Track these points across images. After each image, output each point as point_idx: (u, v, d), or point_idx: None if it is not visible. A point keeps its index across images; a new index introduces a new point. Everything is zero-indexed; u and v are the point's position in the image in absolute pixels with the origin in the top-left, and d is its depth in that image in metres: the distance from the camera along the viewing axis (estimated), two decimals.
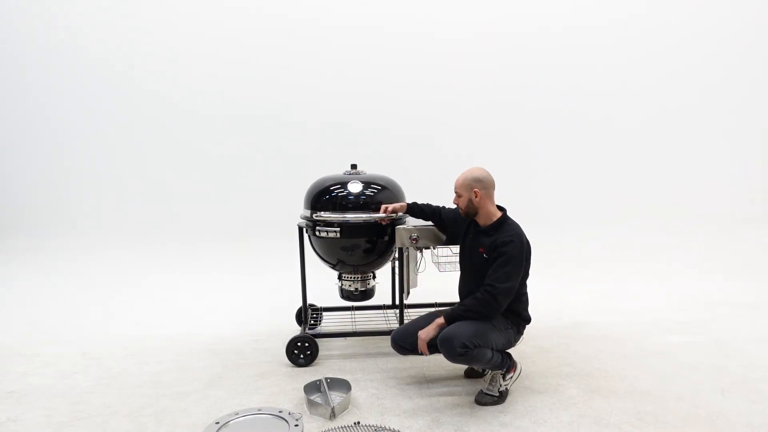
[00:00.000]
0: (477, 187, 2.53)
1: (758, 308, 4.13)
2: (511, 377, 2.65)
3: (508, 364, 2.61)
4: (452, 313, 2.49)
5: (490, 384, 2.62)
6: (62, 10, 5.91)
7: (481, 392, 2.63)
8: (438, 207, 2.96)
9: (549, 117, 6.03)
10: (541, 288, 4.71)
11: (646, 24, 5.91)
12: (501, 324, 2.53)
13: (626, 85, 6.01)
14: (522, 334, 2.67)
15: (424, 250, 3.10)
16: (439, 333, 2.46)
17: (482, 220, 2.59)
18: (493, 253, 2.47)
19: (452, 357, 2.39)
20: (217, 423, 2.36)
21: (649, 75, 6.00)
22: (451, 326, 2.43)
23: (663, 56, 5.96)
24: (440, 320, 2.49)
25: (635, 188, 6.04)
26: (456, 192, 2.62)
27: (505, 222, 2.57)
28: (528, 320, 2.66)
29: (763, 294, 4.50)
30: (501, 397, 2.60)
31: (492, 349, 2.47)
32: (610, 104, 6.03)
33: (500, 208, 2.65)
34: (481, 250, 2.54)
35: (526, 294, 2.64)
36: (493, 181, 2.59)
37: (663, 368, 3.01)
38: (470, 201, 2.55)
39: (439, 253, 3.04)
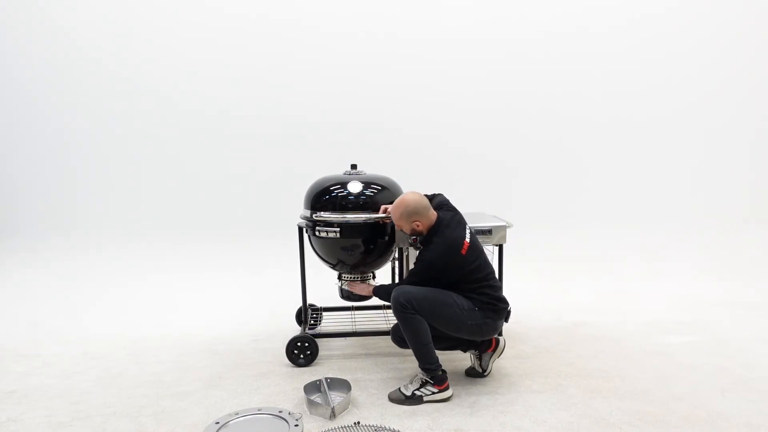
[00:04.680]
0: (415, 219, 2.60)
1: (758, 308, 4.13)
2: (434, 393, 2.58)
3: (431, 365, 2.57)
4: (377, 288, 2.81)
5: (411, 382, 2.63)
6: (60, 15, 5.91)
7: (397, 389, 2.64)
8: None
9: (550, 117, 6.02)
10: (541, 288, 4.73)
11: (650, 26, 5.91)
12: (465, 303, 2.55)
13: (627, 86, 6.00)
14: (495, 320, 2.61)
15: None
16: (366, 296, 2.97)
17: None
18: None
19: (393, 308, 2.53)
20: (217, 423, 2.36)
21: (649, 76, 5.99)
22: (412, 287, 2.55)
23: (660, 60, 5.96)
24: (370, 288, 2.86)
25: (635, 188, 6.04)
26: (397, 226, 2.70)
27: (437, 231, 2.60)
28: (495, 308, 2.60)
29: (763, 294, 4.50)
30: (410, 399, 2.57)
31: (433, 326, 2.51)
32: (610, 105, 6.03)
33: (438, 206, 2.73)
34: None
35: (487, 286, 2.59)
36: (425, 200, 2.65)
37: (663, 368, 3.01)
38: (413, 230, 2.64)
39: None
